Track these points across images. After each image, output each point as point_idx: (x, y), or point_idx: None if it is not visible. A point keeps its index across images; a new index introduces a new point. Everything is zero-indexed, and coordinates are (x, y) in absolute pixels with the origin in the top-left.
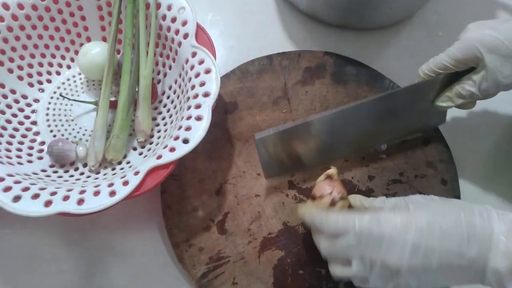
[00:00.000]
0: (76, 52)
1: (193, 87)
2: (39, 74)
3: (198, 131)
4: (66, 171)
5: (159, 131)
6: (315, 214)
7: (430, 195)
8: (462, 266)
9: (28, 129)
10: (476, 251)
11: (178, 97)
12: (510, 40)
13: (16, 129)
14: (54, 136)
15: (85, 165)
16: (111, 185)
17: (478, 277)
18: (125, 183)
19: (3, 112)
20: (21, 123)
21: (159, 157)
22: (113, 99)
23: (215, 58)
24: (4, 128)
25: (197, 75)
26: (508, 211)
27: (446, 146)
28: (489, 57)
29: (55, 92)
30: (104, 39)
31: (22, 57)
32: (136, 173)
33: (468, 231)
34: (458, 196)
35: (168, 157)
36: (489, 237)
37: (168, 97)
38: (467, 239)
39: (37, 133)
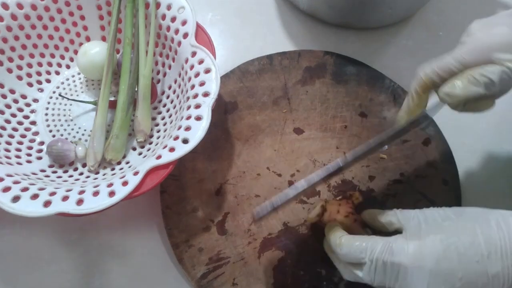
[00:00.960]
0: (76, 52)
1: (192, 86)
2: (38, 73)
3: (198, 131)
4: (65, 171)
5: (158, 131)
6: (331, 239)
7: (443, 208)
8: (484, 285)
9: (27, 129)
10: (499, 267)
11: (177, 97)
12: None
13: (15, 129)
14: (53, 136)
15: (84, 165)
16: (110, 185)
17: None
18: (125, 183)
19: (2, 112)
20: (20, 123)
21: (159, 157)
22: (112, 99)
23: (215, 57)
24: (3, 128)
25: (197, 75)
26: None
27: (447, 146)
28: (507, 56)
29: (54, 92)
30: (103, 39)
31: (21, 57)
32: (136, 173)
33: (488, 249)
34: (459, 196)
35: (168, 157)
36: None
37: (167, 97)
38: (487, 256)
39: (36, 133)
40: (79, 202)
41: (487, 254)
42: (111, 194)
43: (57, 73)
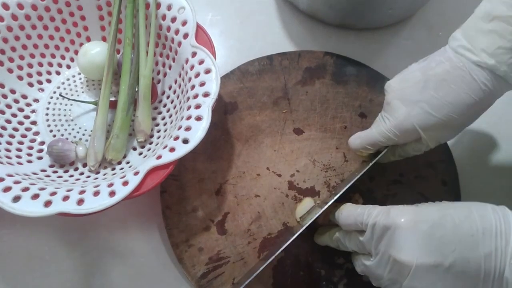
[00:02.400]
0: (76, 52)
1: (193, 87)
2: (39, 74)
3: (198, 131)
4: (66, 171)
5: (159, 131)
6: (334, 212)
7: (442, 201)
8: (476, 265)
9: (27, 129)
10: (493, 247)
11: (178, 97)
12: (437, 109)
13: (15, 129)
14: (54, 136)
15: (84, 165)
16: (111, 185)
17: (492, 280)
18: (125, 183)
19: (2, 112)
20: (20, 123)
21: (159, 157)
22: (113, 99)
23: (215, 58)
24: (4, 128)
25: (197, 75)
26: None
27: (446, 147)
28: (428, 134)
29: (54, 92)
30: (104, 39)
31: (21, 57)
32: (136, 173)
33: (483, 225)
34: (458, 197)
35: (168, 157)
36: (507, 232)
37: (168, 97)
38: (482, 232)
39: (36, 133)
40: (80, 202)
41: (482, 230)
42: (112, 194)
43: (58, 73)
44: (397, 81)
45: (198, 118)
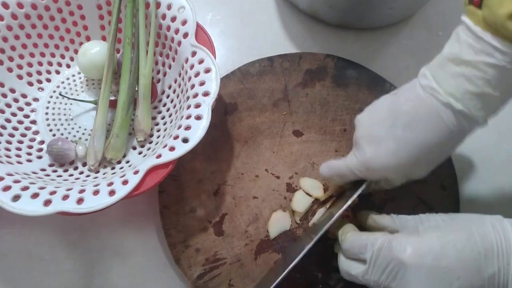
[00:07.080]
0: (76, 51)
1: (192, 86)
2: (39, 73)
3: (198, 131)
4: (66, 170)
5: (158, 130)
6: (338, 234)
7: (438, 214)
8: (480, 286)
9: (27, 128)
10: (496, 267)
11: (177, 96)
12: (405, 149)
13: (15, 128)
14: (54, 135)
15: (84, 164)
16: (110, 184)
17: None
18: (125, 182)
19: (2, 111)
20: (20, 122)
21: (159, 156)
22: (112, 98)
23: (215, 57)
24: (4, 127)
25: (197, 75)
26: (510, 213)
27: None
28: (396, 173)
29: (54, 91)
30: (103, 38)
31: (21, 56)
32: (136, 172)
33: (485, 247)
34: (457, 202)
35: (168, 156)
36: (508, 250)
37: (167, 96)
38: (484, 255)
39: (36, 132)
40: (79, 201)
41: (484, 252)
42: (111, 193)
43: (58, 72)
44: (365, 117)
45: (198, 117)
